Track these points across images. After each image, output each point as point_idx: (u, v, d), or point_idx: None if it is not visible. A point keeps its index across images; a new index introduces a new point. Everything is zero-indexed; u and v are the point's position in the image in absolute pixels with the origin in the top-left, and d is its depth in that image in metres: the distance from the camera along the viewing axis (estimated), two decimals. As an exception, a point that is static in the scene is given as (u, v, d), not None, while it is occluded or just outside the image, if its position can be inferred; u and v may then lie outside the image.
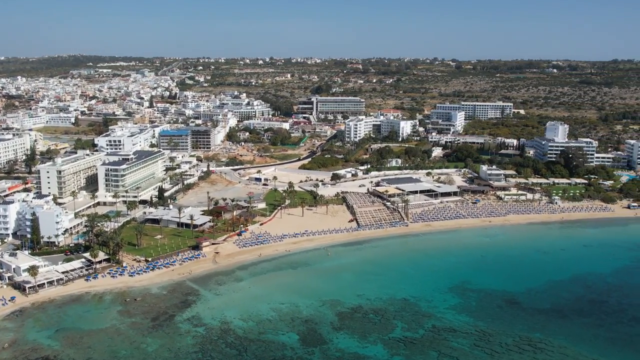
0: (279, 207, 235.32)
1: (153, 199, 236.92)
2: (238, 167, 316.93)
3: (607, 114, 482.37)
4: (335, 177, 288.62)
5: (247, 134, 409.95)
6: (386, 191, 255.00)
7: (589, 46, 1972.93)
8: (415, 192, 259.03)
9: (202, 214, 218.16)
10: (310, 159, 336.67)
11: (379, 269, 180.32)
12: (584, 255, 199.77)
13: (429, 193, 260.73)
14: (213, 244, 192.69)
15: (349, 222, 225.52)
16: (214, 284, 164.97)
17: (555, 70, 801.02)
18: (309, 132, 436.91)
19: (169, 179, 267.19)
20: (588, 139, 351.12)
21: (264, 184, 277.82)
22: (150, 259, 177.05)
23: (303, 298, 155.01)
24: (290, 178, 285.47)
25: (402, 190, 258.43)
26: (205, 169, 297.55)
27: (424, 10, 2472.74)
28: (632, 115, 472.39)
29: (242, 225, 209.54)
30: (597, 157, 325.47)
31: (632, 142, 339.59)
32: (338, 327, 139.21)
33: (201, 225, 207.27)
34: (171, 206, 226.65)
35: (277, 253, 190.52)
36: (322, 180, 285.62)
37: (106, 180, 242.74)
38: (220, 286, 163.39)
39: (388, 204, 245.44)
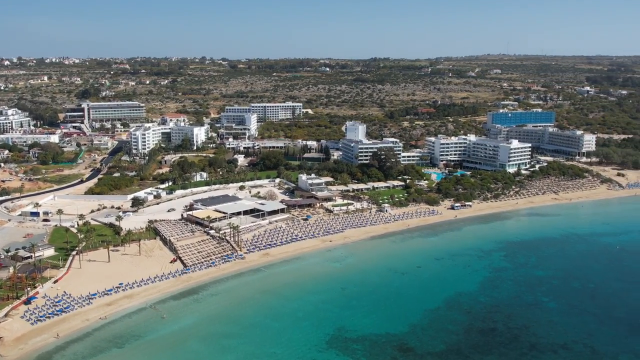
0: (74, 253, 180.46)
1: None
2: (3, 198, 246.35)
3: (391, 111, 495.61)
4: (137, 202, 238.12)
5: (7, 152, 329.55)
6: (208, 217, 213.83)
7: (349, 46, 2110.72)
8: (239, 213, 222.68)
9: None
10: (97, 180, 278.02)
11: (234, 327, 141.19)
12: (442, 271, 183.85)
13: (254, 213, 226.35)
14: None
15: (170, 263, 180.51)
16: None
17: (328, 69, 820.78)
18: (85, 145, 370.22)
19: None
20: (393, 139, 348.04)
21: (45, 220, 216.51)
22: None
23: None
24: (78, 208, 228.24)
25: (224, 213, 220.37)
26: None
27: (186, 9, 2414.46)
28: (414, 111, 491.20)
29: (29, 289, 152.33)
30: (403, 157, 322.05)
31: (432, 139, 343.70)
32: None
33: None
34: None
35: (89, 324, 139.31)
36: (119, 208, 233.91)
37: None
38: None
39: (212, 232, 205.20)
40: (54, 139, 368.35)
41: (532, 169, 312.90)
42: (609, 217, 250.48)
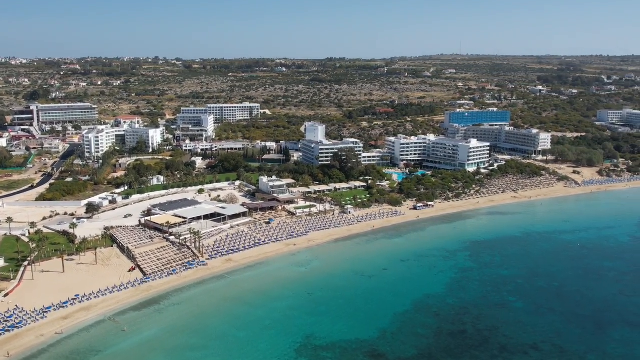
0: (26, 263, 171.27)
1: None
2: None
3: (349, 111, 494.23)
4: (92, 208, 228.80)
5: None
6: (167, 222, 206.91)
7: (304, 45, 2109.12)
8: (199, 217, 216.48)
9: None
10: (48, 185, 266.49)
11: (198, 338, 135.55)
12: (408, 272, 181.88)
13: (215, 217, 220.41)
14: None
15: (129, 271, 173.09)
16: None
17: (284, 69, 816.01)
18: (35, 148, 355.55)
19: None
20: (353, 139, 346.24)
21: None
22: None
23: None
24: (29, 215, 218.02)
25: (184, 218, 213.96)
26: None
27: (137, 7, 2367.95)
28: (372, 111, 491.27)
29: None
30: (364, 157, 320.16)
31: (392, 139, 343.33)
32: None
33: None
34: None
35: (44, 340, 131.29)
36: (73, 214, 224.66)
37: None
38: None
39: (172, 238, 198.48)
40: (2, 142, 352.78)
41: (491, 168, 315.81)
42: (567, 215, 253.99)
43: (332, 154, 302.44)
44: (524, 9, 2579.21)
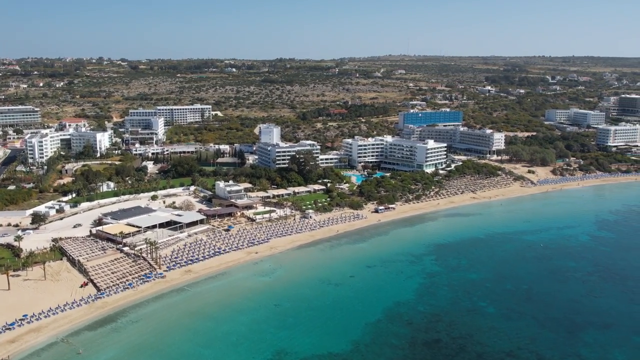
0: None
1: None
2: None
3: (303, 112, 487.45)
4: (38, 219, 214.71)
5: None
6: (121, 232, 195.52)
7: (252, 46, 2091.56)
8: (154, 226, 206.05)
9: None
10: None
11: (160, 358, 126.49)
12: (376, 279, 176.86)
13: (172, 225, 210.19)
14: None
15: (81, 287, 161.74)
16: None
17: (234, 70, 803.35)
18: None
19: None
20: (310, 141, 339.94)
21: None
22: None
23: None
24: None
25: (138, 227, 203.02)
26: None
27: (77, 4, 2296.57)
28: (326, 112, 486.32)
29: None
30: (321, 159, 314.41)
31: (349, 141, 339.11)
32: None
33: None
34: None
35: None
36: (17, 225, 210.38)
37: None
38: None
39: (126, 249, 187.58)
40: None
41: (448, 169, 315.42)
42: (527, 215, 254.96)
43: (289, 157, 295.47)
44: (468, 10, 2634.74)
